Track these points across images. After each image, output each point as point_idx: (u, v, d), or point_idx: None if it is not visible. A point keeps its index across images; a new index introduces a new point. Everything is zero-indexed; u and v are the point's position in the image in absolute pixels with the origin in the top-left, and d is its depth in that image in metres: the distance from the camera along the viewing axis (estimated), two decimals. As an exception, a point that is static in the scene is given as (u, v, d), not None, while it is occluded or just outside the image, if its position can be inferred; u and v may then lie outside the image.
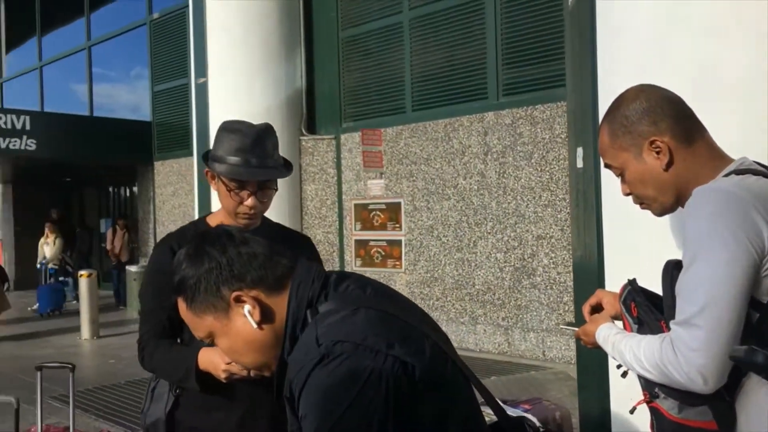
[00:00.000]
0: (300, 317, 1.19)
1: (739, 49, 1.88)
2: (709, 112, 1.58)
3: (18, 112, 10.72)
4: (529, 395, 5.67)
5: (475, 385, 1.26)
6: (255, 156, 1.89)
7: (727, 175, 1.37)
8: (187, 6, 10.79)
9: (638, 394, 1.48)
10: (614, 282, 2.30)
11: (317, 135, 9.36)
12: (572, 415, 2.70)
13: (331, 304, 1.18)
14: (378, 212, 8.62)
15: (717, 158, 1.44)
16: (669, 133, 1.42)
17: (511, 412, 2.44)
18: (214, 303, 1.21)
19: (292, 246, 1.97)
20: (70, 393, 3.08)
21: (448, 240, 7.86)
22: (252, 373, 1.34)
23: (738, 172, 1.36)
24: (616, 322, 1.57)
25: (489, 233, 7.47)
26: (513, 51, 7.41)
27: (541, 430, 1.68)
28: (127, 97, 14.22)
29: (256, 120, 7.72)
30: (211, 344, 1.30)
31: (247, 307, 1.20)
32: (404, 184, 8.30)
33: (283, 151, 7.95)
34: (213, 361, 1.77)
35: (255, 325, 1.20)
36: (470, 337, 7.62)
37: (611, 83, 2.11)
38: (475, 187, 7.59)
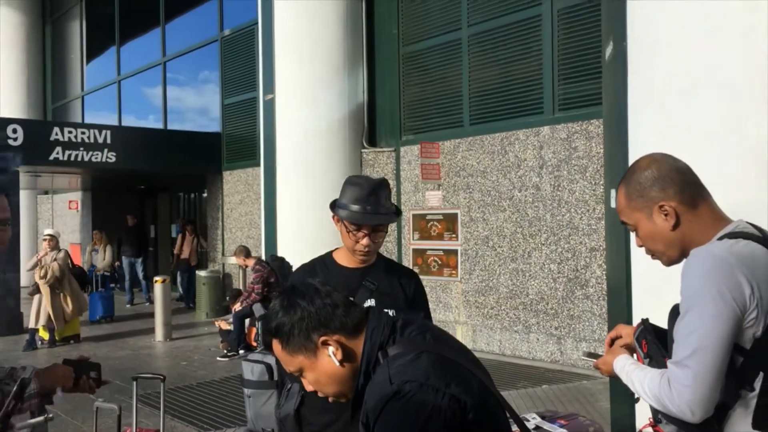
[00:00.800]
0: (373, 358, 1.51)
1: (764, 112, 2.05)
2: (725, 168, 1.81)
3: (100, 127, 11.49)
4: (578, 405, 5.83)
5: (509, 411, 1.55)
6: (370, 204, 2.34)
7: (721, 238, 1.62)
8: (255, 24, 11.37)
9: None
10: (639, 308, 2.54)
11: (378, 147, 9.72)
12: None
13: (399, 348, 1.49)
14: (435, 222, 8.89)
15: (717, 220, 1.68)
16: (676, 199, 1.67)
17: (548, 427, 2.69)
18: (305, 345, 1.52)
19: (400, 279, 2.40)
20: (161, 400, 3.48)
21: (503, 250, 8.06)
22: (330, 399, 1.62)
23: (731, 235, 1.60)
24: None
25: (543, 244, 7.64)
26: (569, 66, 7.58)
27: None
28: (198, 110, 14.96)
29: (319, 133, 8.23)
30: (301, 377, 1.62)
31: (331, 349, 1.51)
32: (461, 196, 8.55)
33: (345, 163, 8.49)
34: None
35: (338, 364, 1.51)
36: (523, 345, 7.79)
37: (639, 138, 2.36)
38: (530, 199, 7.77)
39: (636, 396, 1.78)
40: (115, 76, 16.78)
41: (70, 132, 10.96)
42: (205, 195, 13.71)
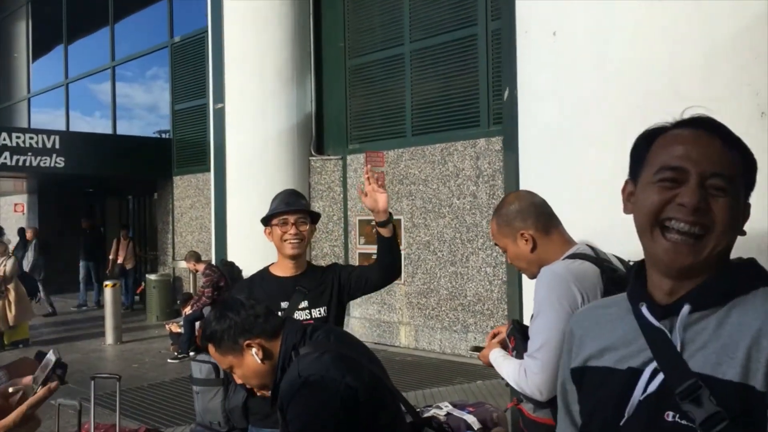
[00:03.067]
0: (287, 356, 1.95)
1: (613, 153, 2.56)
2: (580, 197, 2.28)
3: (48, 132, 11.54)
4: (507, 398, 6.33)
5: (399, 397, 2.00)
6: (287, 202, 2.84)
7: (565, 259, 2.08)
8: (205, 32, 11.59)
9: None
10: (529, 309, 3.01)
11: (325, 156, 10.10)
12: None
13: (308, 348, 1.93)
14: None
15: (565, 243, 2.15)
16: (533, 228, 2.14)
17: (458, 413, 3.13)
18: (233, 347, 1.96)
19: (325, 276, 2.86)
20: (117, 399, 3.80)
21: (443, 254, 8.55)
22: (256, 390, 2.05)
23: (572, 256, 2.07)
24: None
25: (480, 249, 8.15)
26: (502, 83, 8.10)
27: (477, 428, 2.44)
28: (148, 114, 15.06)
29: (268, 142, 8.67)
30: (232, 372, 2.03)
31: (254, 350, 1.94)
32: (404, 203, 9.00)
33: (293, 170, 8.90)
34: None
35: (259, 362, 1.94)
36: (462, 344, 8.30)
37: (528, 168, 2.85)
38: (468, 206, 8.28)
39: (505, 381, 2.25)
40: (62, 78, 16.70)
41: (18, 137, 10.98)
42: (155, 199, 13.83)
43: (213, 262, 9.44)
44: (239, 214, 9.67)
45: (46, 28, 17.68)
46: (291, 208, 2.82)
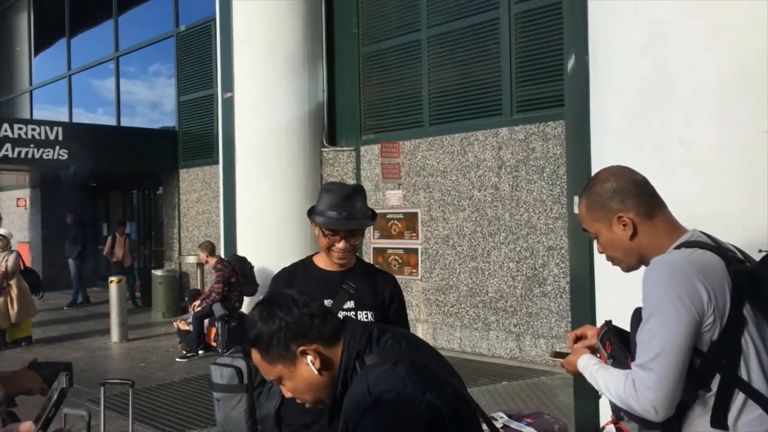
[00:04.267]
0: (350, 367, 1.56)
1: (714, 126, 2.18)
2: (684, 179, 1.91)
3: (51, 124, 11.18)
4: (538, 401, 5.99)
5: (480, 413, 1.62)
6: (345, 210, 2.39)
7: (678, 247, 1.72)
8: (212, 21, 11.23)
9: None
10: (603, 307, 2.65)
11: (338, 147, 9.74)
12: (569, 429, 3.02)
13: (376, 357, 1.54)
14: (396, 221, 8.97)
15: (672, 230, 1.79)
16: (633, 210, 1.78)
17: (516, 426, 2.78)
18: (284, 355, 1.57)
19: (377, 281, 2.46)
20: (130, 405, 3.45)
21: (462, 249, 8.19)
22: (308, 405, 1.67)
23: (687, 244, 1.71)
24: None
25: (502, 243, 7.79)
26: (526, 69, 7.73)
27: None
28: (153, 106, 14.69)
29: (279, 133, 8.20)
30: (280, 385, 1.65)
31: (309, 358, 1.56)
32: (421, 195, 8.64)
33: (305, 162, 8.46)
34: None
35: (316, 372, 1.56)
36: (483, 342, 7.94)
37: (601, 146, 2.46)
38: (489, 199, 7.91)
39: (600, 393, 1.88)
40: (65, 70, 16.34)
41: (20, 128, 10.64)
42: (160, 193, 13.48)
43: (222, 256, 9.09)
44: (249, 207, 9.33)
45: (48, 19, 17.29)
46: (342, 227, 2.41)
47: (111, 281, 9.49)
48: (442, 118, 8.63)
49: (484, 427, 1.66)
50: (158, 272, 11.75)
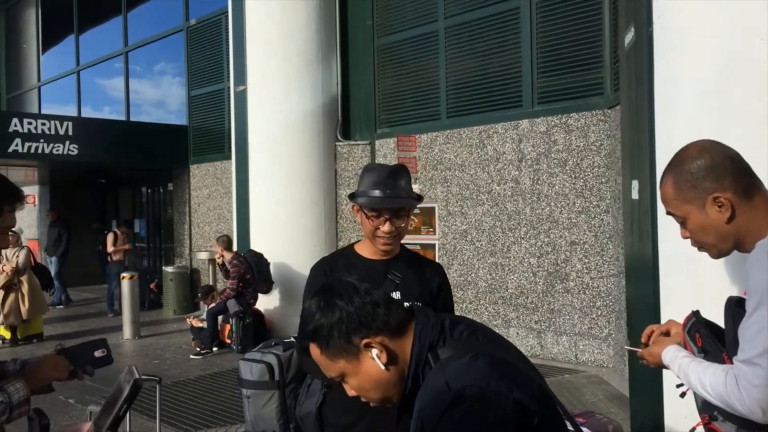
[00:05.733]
0: (422, 360, 1.38)
1: None
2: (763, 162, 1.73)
3: (61, 118, 11.05)
4: (564, 401, 5.81)
5: (564, 412, 1.45)
6: (389, 188, 2.21)
7: None
8: (222, 14, 11.09)
9: (693, 412, 1.67)
10: (670, 307, 2.47)
11: (352, 140, 9.58)
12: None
13: (451, 350, 1.36)
14: (412, 216, 8.78)
15: None
16: (731, 189, 1.60)
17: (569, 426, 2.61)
18: (346, 348, 1.40)
19: (425, 271, 2.28)
20: (157, 403, 3.31)
21: (481, 244, 8.02)
22: (372, 404, 1.49)
23: None
24: None
25: (523, 238, 7.62)
26: (548, 60, 7.56)
27: None
28: (163, 101, 14.56)
29: (292, 126, 8.02)
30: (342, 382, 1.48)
31: (375, 352, 1.39)
32: (438, 190, 8.47)
33: (319, 156, 8.28)
34: None
35: (383, 367, 1.38)
36: (503, 340, 7.77)
37: (669, 127, 2.27)
38: (509, 193, 7.74)
39: (684, 389, 1.71)
40: (73, 66, 16.22)
41: (29, 123, 10.51)
42: (170, 189, 13.34)
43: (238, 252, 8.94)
44: (262, 202, 9.18)
45: (56, 14, 17.18)
46: (387, 206, 2.23)
47: (123, 277, 9.36)
48: (459, 111, 8.46)
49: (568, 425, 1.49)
50: (169, 269, 11.63)
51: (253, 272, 8.14)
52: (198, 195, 12.28)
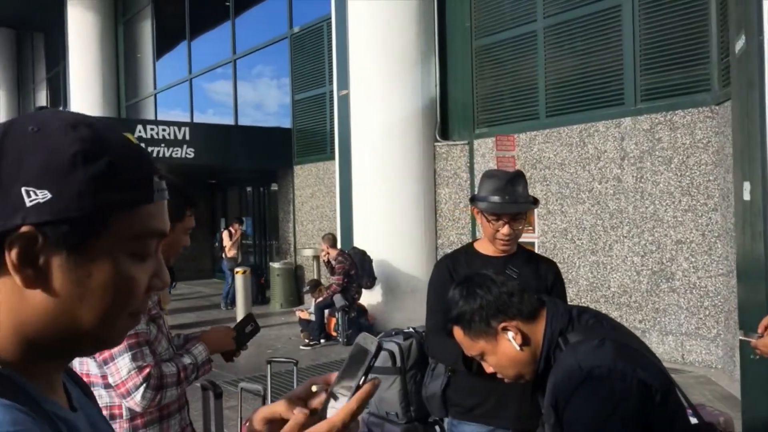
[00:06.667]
0: (554, 343, 1.62)
1: None
2: None
3: (179, 124, 11.91)
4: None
5: (684, 398, 1.63)
6: (508, 194, 2.44)
7: None
8: (325, 21, 11.58)
9: None
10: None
11: (450, 141, 9.79)
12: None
13: (580, 335, 1.58)
14: (511, 215, 8.90)
15: None
16: None
17: None
18: (485, 331, 1.66)
19: (540, 267, 2.53)
20: (294, 382, 3.68)
21: (582, 243, 8.04)
22: (507, 380, 1.74)
23: None
24: None
25: (625, 237, 7.58)
26: (652, 56, 7.48)
27: None
28: (268, 106, 15.32)
29: (393, 128, 8.37)
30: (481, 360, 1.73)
31: (510, 334, 1.63)
32: (537, 188, 8.54)
33: (419, 156, 8.59)
34: None
35: (518, 348, 1.63)
36: (605, 338, 7.76)
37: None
38: (611, 191, 7.72)
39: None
40: (186, 74, 17.31)
41: (151, 129, 11.40)
42: (274, 188, 14.03)
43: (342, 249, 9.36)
44: (365, 201, 9.55)
45: (169, 26, 18.40)
46: (506, 211, 2.45)
47: (237, 272, 10.00)
48: (559, 110, 8.49)
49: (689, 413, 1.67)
50: (276, 265, 12.26)
51: (357, 268, 8.52)
52: (302, 194, 12.86)
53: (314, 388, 0.87)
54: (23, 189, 0.65)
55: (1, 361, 0.67)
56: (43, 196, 0.65)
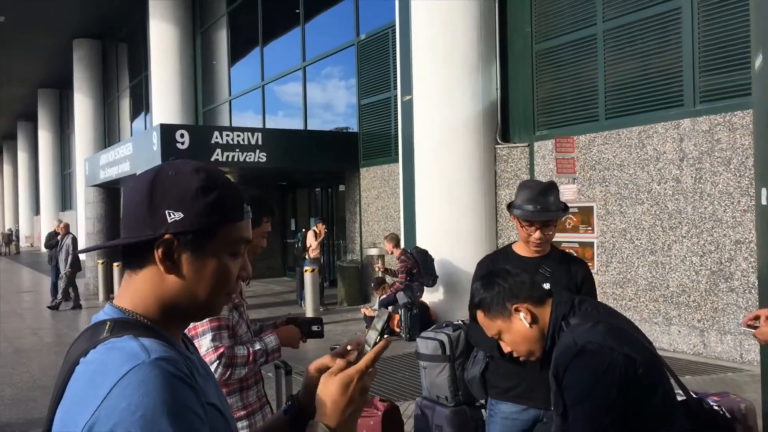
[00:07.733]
0: (558, 326, 1.98)
1: None
2: None
3: (252, 130, 12.61)
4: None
5: (672, 375, 1.93)
6: (539, 203, 2.80)
7: None
8: (390, 28, 12.00)
9: None
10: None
11: (511, 143, 10.02)
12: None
13: (578, 319, 1.94)
14: (570, 215, 9.08)
15: None
16: None
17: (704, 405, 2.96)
18: (501, 312, 2.03)
19: (571, 267, 2.86)
20: None
21: (641, 243, 8.14)
22: (521, 358, 2.09)
23: None
24: None
25: (684, 237, 7.65)
26: (711, 58, 7.52)
27: (728, 416, 2.30)
28: (336, 110, 15.89)
29: (455, 131, 8.80)
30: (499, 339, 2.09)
31: (522, 314, 1.99)
32: (597, 189, 8.68)
33: (480, 158, 9.01)
34: None
35: (527, 326, 1.99)
36: (664, 337, 7.85)
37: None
38: (670, 192, 7.80)
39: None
40: (259, 81, 18.12)
41: (227, 135, 12.12)
42: (341, 190, 14.58)
43: (405, 248, 9.76)
44: (427, 202, 9.91)
45: (243, 35, 19.30)
46: (537, 219, 2.79)
47: (305, 270, 10.55)
48: (618, 112, 8.61)
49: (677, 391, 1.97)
50: (342, 263, 12.78)
51: (419, 267, 8.89)
52: (367, 195, 13.33)
53: (349, 347, 1.27)
54: (167, 211, 1.06)
55: (149, 319, 1.09)
56: (178, 216, 1.06)
